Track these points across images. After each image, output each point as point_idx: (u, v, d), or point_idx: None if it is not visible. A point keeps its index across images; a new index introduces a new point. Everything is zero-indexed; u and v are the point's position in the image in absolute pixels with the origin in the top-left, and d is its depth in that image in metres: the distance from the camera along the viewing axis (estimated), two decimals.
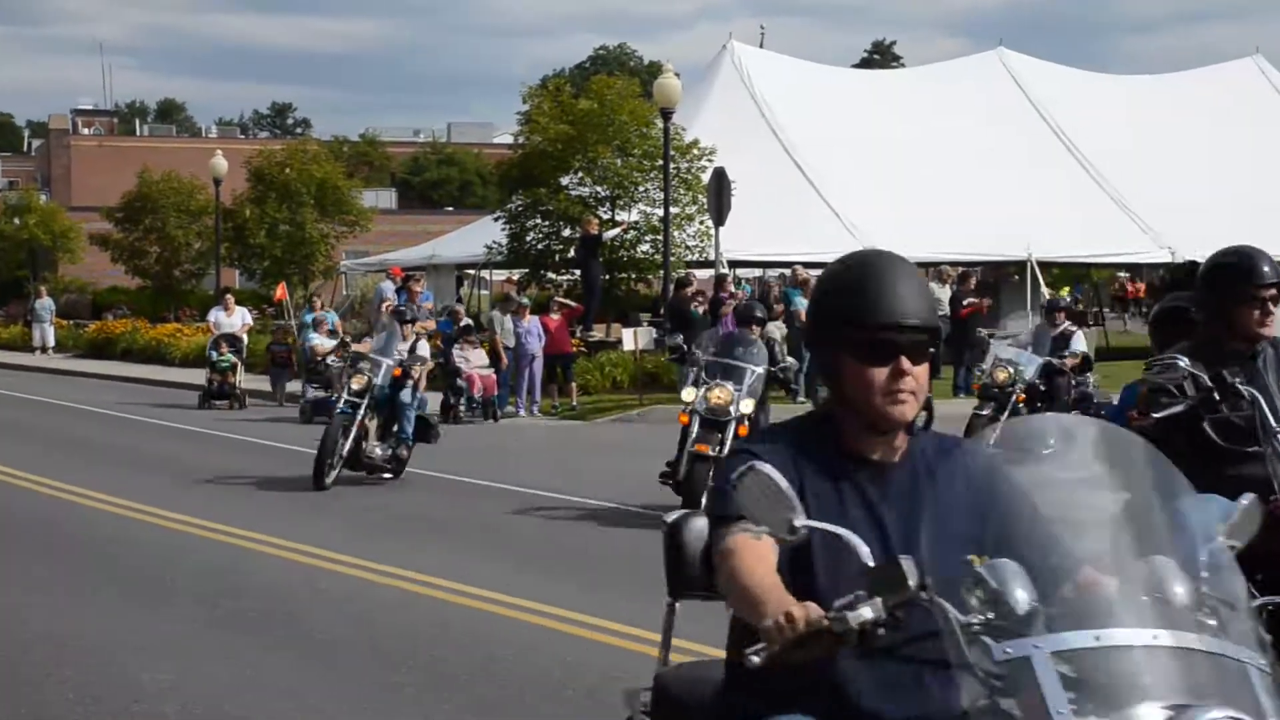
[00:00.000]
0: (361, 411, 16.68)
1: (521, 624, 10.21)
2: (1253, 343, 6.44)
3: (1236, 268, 6.45)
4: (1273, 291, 6.38)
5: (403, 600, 11.01)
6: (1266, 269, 6.40)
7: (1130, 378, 26.98)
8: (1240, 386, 6.36)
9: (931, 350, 3.68)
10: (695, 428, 14.39)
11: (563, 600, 10.80)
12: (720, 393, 14.40)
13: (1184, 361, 6.40)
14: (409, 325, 18.25)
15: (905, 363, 3.62)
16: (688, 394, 14.69)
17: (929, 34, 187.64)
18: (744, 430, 14.11)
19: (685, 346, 16.14)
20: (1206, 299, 6.54)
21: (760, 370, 14.71)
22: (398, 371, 17.20)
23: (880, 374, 3.62)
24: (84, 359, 41.63)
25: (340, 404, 16.90)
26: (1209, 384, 6.33)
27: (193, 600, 11.00)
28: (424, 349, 18.17)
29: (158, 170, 54.09)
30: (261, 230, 46.12)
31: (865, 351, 3.63)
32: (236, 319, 29.72)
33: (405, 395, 17.35)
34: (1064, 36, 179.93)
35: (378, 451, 17.12)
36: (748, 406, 14.44)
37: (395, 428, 17.33)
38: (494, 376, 24.94)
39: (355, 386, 16.82)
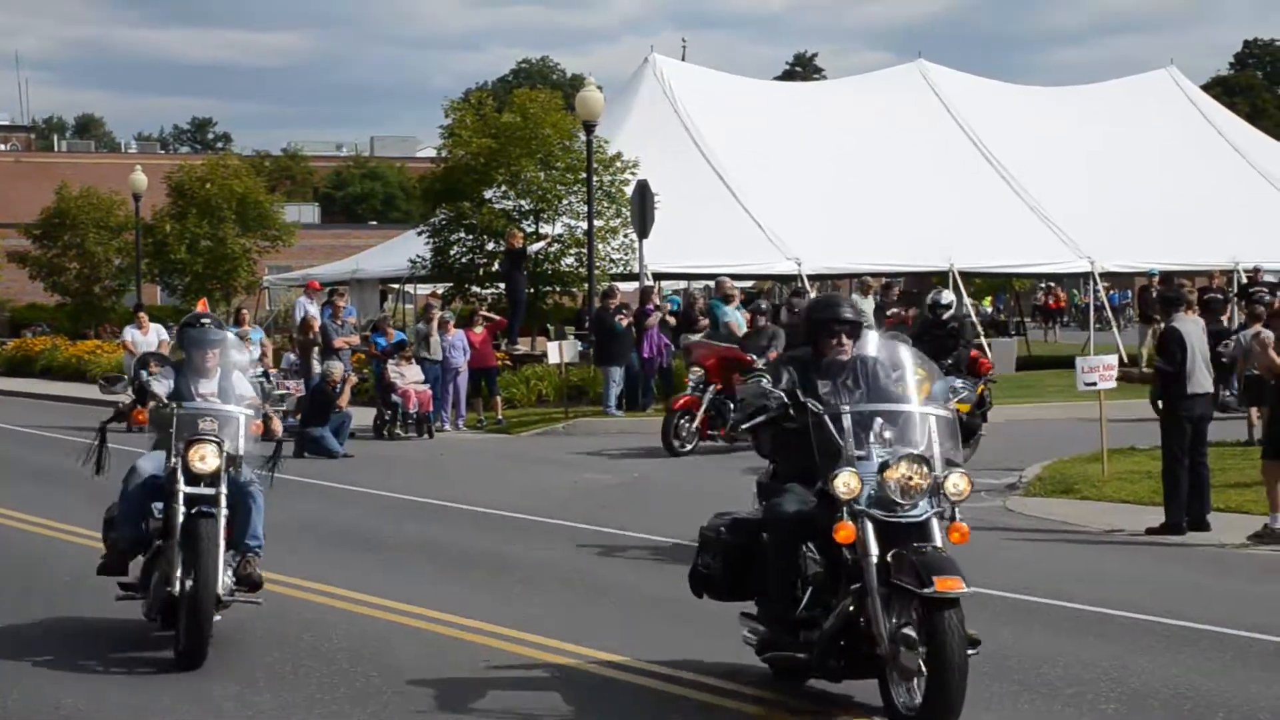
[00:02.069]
0: (223, 511, 9.77)
1: (443, 638, 10.19)
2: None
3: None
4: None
5: (321, 616, 10.95)
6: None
7: (1050, 385, 27.04)
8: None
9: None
10: (874, 546, 7.86)
11: (483, 613, 10.78)
12: (915, 470, 8.01)
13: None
14: (211, 352, 10.33)
15: None
16: (846, 484, 7.90)
17: (850, 46, 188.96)
18: (962, 535, 8.11)
19: (785, 396, 8.37)
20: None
21: (949, 416, 8.46)
22: (259, 427, 10.26)
23: None
24: (2, 377, 41.09)
25: (175, 502, 9.62)
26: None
27: (106, 620, 10.87)
28: (244, 385, 10.40)
29: (76, 186, 53.50)
30: (182, 246, 45.67)
31: None
32: (153, 336, 28.64)
33: (246, 472, 10.10)
34: (984, 48, 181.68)
35: (226, 580, 9.83)
36: (963, 485, 8.11)
37: (238, 530, 10.07)
38: (429, 392, 24.82)
39: (205, 466, 9.67)
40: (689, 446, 21.71)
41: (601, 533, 14.75)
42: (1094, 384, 17.53)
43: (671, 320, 28.12)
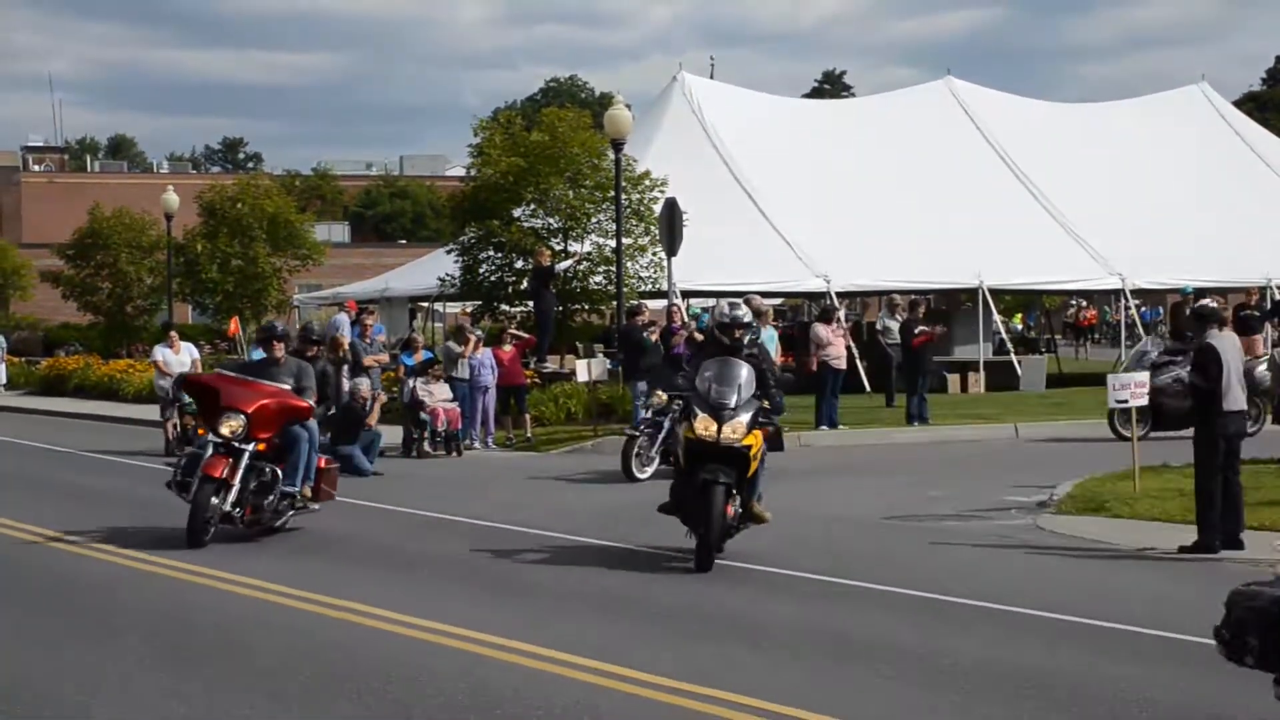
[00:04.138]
0: None
1: (471, 655, 10.16)
2: None
3: None
4: None
5: (352, 634, 10.93)
6: None
7: (1082, 404, 26.94)
8: None
9: None
10: None
11: (516, 632, 10.76)
12: None
13: None
14: None
15: None
16: None
17: (878, 63, 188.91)
18: None
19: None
20: None
21: None
22: None
23: None
24: (36, 396, 41.35)
25: None
26: None
27: (141, 636, 10.89)
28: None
29: (109, 206, 53.84)
30: (213, 265, 45.89)
31: None
32: (185, 356, 28.34)
33: None
34: (1011, 64, 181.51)
35: None
36: None
37: None
38: (458, 409, 24.86)
39: None
40: (211, 532, 15.13)
41: (633, 551, 14.73)
42: (1125, 401, 17.46)
43: (699, 337, 28.04)
